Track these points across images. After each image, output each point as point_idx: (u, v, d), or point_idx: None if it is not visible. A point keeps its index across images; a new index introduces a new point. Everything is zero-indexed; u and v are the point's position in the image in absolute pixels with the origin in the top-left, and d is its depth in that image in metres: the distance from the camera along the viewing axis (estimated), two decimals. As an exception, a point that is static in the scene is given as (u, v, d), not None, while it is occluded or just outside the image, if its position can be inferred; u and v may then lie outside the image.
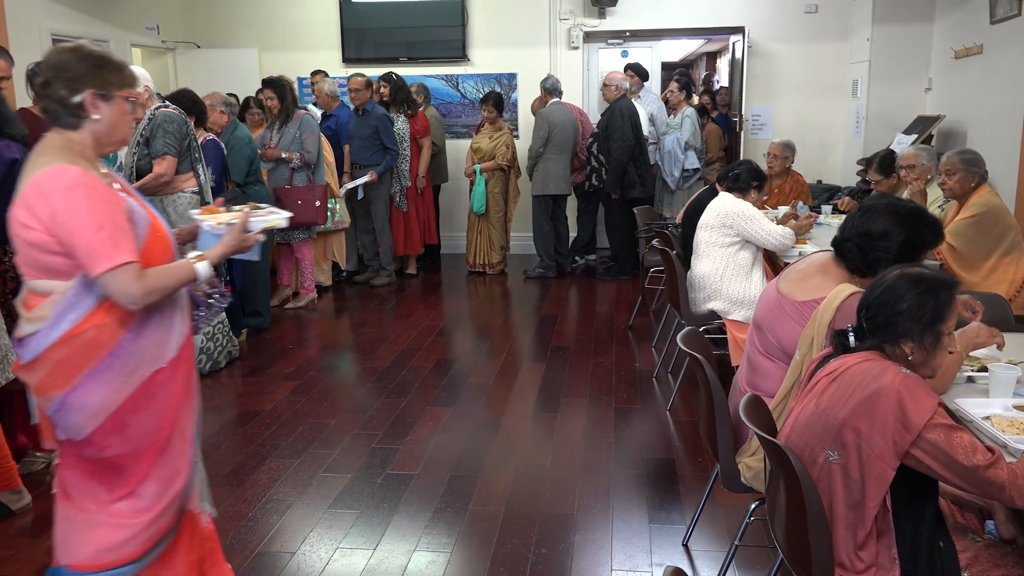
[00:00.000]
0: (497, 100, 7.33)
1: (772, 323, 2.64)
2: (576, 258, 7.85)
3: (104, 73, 2.08)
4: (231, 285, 5.27)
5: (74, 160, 2.04)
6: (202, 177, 4.72)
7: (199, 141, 4.80)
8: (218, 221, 2.33)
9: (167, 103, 4.67)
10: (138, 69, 4.54)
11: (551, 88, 7.33)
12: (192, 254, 2.20)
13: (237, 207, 2.45)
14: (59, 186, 1.98)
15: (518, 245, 8.16)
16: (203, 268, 2.17)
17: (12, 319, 3.43)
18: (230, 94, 7.26)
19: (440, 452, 3.80)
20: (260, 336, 5.72)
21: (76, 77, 2.05)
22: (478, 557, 2.93)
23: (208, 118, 5.31)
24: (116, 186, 2.14)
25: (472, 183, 7.38)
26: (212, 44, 8.54)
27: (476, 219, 7.48)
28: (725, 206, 4.25)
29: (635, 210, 6.22)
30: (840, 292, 2.39)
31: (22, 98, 5.35)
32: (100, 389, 2.07)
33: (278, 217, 2.47)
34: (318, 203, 6.17)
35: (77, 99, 2.05)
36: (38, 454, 3.64)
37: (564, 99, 7.53)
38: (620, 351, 5.27)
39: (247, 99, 7.08)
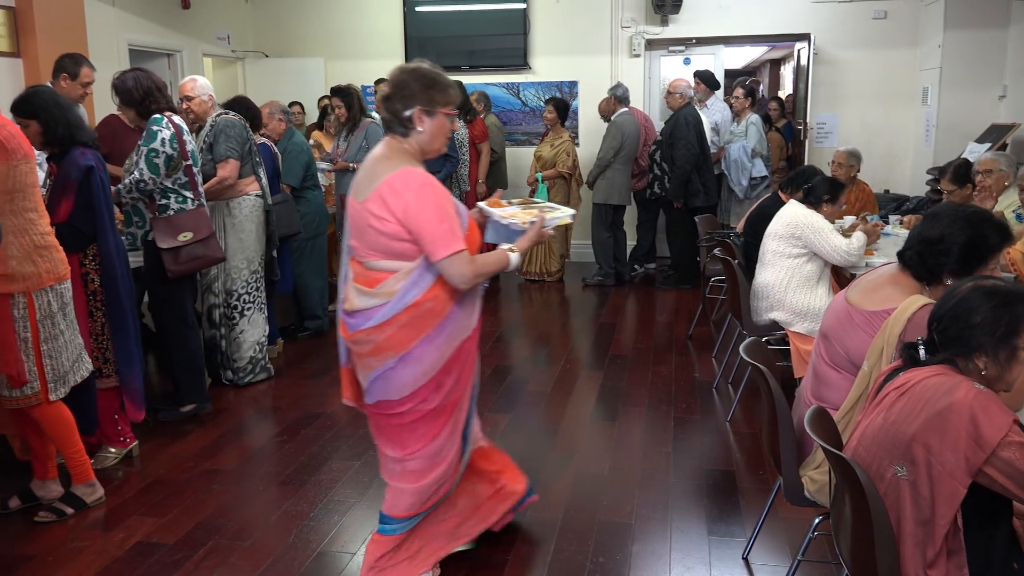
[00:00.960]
0: (559, 104, 7.35)
1: (840, 333, 2.60)
2: (635, 266, 7.81)
3: (431, 92, 2.52)
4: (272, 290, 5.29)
5: (412, 162, 2.50)
6: (263, 181, 4.83)
7: None
8: (505, 213, 2.75)
9: (227, 110, 4.80)
10: (200, 79, 4.69)
11: (621, 97, 7.30)
12: (504, 245, 2.64)
13: (514, 201, 2.93)
14: (411, 185, 2.43)
15: (576, 253, 8.16)
16: (515, 257, 2.62)
17: (88, 318, 3.57)
18: (295, 102, 7.45)
19: (498, 458, 3.81)
20: (320, 339, 5.83)
21: (410, 95, 2.51)
22: (536, 563, 2.94)
23: (261, 124, 5.43)
24: None
25: (533, 191, 7.41)
26: (280, 54, 8.75)
27: None
28: (795, 216, 4.18)
29: (696, 219, 6.16)
30: (912, 303, 2.34)
31: (101, 105, 5.57)
32: (431, 352, 2.52)
33: (566, 215, 2.82)
34: None
35: (407, 113, 2.51)
36: (111, 449, 3.77)
37: (631, 105, 7.51)
38: (680, 361, 5.23)
39: (325, 107, 7.21)
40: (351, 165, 6.16)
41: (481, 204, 2.88)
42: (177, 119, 4.10)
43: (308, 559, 2.97)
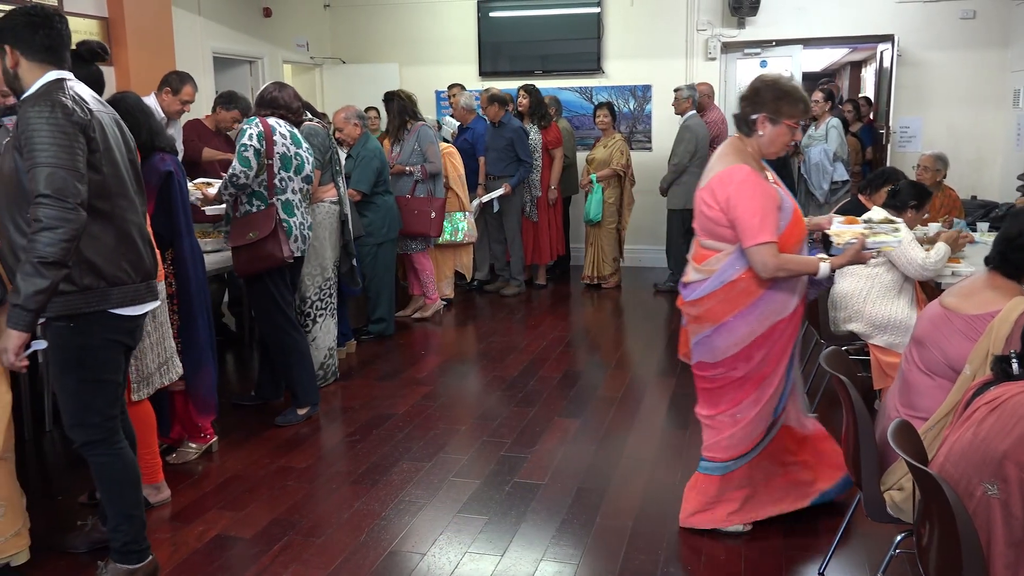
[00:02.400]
0: (611, 107, 7.34)
1: (938, 339, 2.52)
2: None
3: (780, 103, 2.81)
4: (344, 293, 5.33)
5: (746, 160, 2.84)
6: (342, 189, 4.90)
7: None
8: (836, 230, 2.98)
9: (312, 118, 4.88)
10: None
11: (696, 102, 7.20)
12: (821, 254, 2.90)
13: (875, 221, 3.11)
14: (734, 180, 2.79)
15: (632, 257, 8.07)
16: (825, 268, 2.81)
17: (178, 318, 3.68)
18: (371, 107, 7.57)
19: (568, 463, 3.80)
20: (390, 342, 5.90)
21: (760, 102, 2.83)
22: (604, 571, 2.91)
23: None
24: (770, 179, 2.90)
25: (588, 192, 7.35)
26: (356, 60, 8.91)
27: (590, 230, 7.45)
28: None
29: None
30: (1018, 304, 2.27)
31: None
32: (741, 327, 2.87)
33: (893, 241, 2.98)
34: (434, 215, 6.18)
35: (753, 117, 2.84)
36: (192, 445, 3.88)
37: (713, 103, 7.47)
38: (753, 369, 5.12)
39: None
40: (407, 169, 6.19)
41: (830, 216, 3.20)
42: (272, 121, 4.18)
43: (379, 558, 3.01)
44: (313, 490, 3.56)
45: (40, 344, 2.53)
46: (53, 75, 2.54)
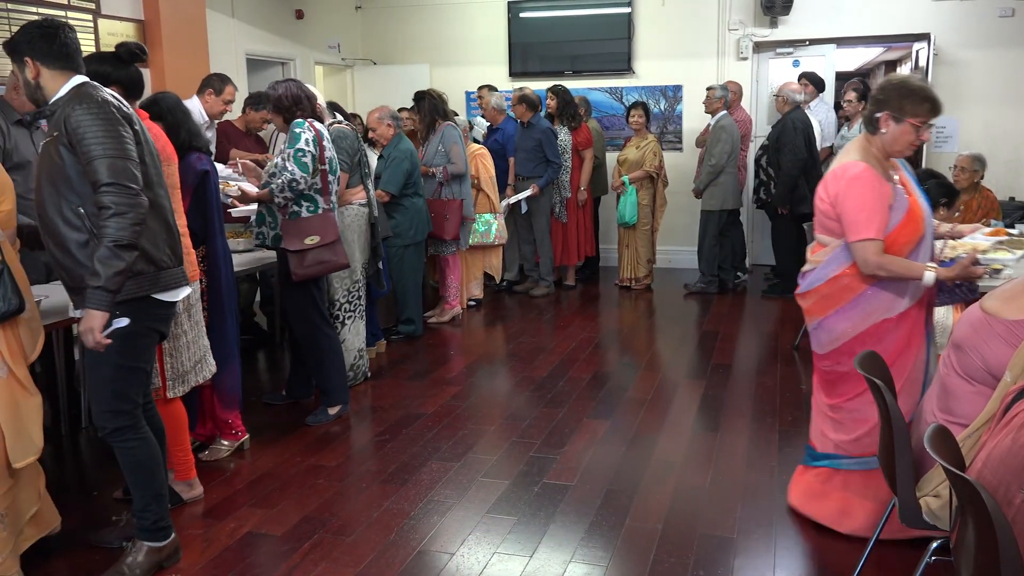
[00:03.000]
0: (647, 108, 7.29)
1: (977, 343, 2.47)
2: (739, 274, 7.63)
3: (904, 102, 2.81)
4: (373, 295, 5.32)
5: (866, 157, 2.86)
6: (370, 191, 4.91)
7: None
8: (956, 244, 3.02)
9: (341, 120, 4.91)
10: (311, 88, 4.82)
11: (728, 102, 7.14)
12: (930, 264, 2.86)
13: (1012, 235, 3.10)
14: (845, 175, 2.84)
15: (663, 258, 8.02)
16: (929, 277, 2.80)
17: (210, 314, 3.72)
18: (402, 108, 7.60)
19: (597, 464, 3.79)
20: (419, 342, 5.92)
21: (884, 100, 2.85)
22: (634, 574, 2.90)
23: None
24: (896, 178, 2.92)
25: (620, 195, 7.32)
26: (387, 61, 8.96)
27: (624, 232, 7.42)
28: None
29: (805, 226, 5.97)
30: None
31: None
32: (843, 322, 2.92)
33: (1009, 260, 3.03)
34: (448, 218, 6.13)
35: (878, 115, 2.86)
36: (224, 442, 3.92)
37: (739, 104, 7.40)
38: (785, 372, 5.08)
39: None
40: (431, 170, 6.18)
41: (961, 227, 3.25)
42: (319, 125, 4.22)
43: (408, 557, 3.02)
44: (343, 489, 3.59)
45: (121, 322, 2.64)
46: (77, 79, 2.65)
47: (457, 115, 7.05)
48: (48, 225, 2.62)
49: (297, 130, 4.12)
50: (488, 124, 7.31)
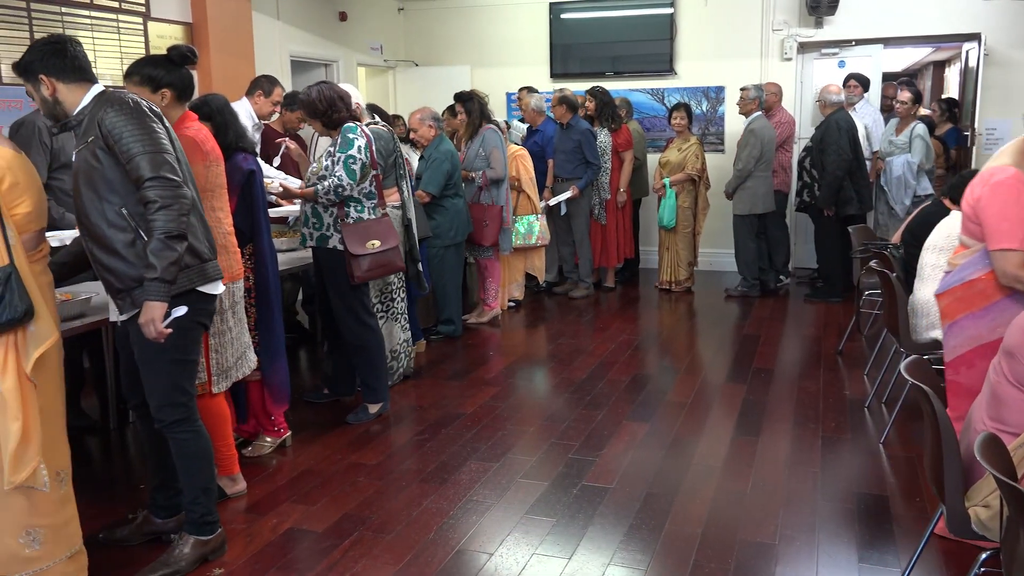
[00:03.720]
0: (689, 109, 7.23)
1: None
2: (780, 277, 7.53)
3: None
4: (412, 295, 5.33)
5: (1020, 162, 2.79)
6: (405, 193, 4.91)
7: None
8: None
9: (378, 121, 4.94)
10: (348, 87, 4.85)
11: (763, 103, 7.05)
12: None
13: None
14: (991, 180, 2.80)
15: (705, 261, 7.94)
16: None
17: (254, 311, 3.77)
18: (444, 109, 7.64)
19: (636, 467, 3.77)
20: (458, 342, 5.94)
21: None
22: (674, 578, 2.88)
23: (396, 131, 5.56)
24: None
25: (661, 197, 7.28)
26: (429, 62, 9.01)
27: (665, 235, 7.37)
28: (957, 228, 3.90)
29: (850, 229, 5.88)
30: None
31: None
32: (971, 328, 2.87)
33: None
34: (487, 224, 6.12)
35: None
36: (267, 439, 3.98)
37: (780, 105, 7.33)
38: (828, 377, 5.00)
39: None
40: (471, 174, 6.18)
41: None
42: (368, 130, 4.25)
43: (447, 556, 3.03)
44: (383, 487, 3.61)
45: (180, 310, 2.69)
46: (97, 87, 2.68)
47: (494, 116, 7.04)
48: (92, 230, 2.66)
49: (350, 135, 4.14)
50: (527, 126, 7.30)
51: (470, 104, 6.21)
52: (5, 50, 4.78)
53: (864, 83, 7.29)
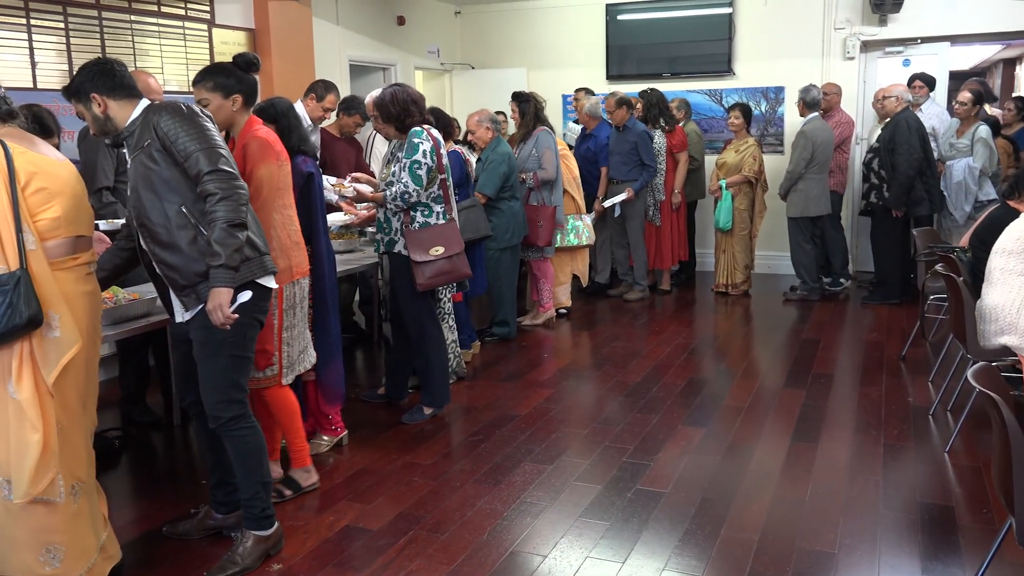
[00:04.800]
0: (746, 110, 7.12)
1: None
2: (840, 280, 7.37)
3: None
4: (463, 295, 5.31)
5: None
6: (451, 196, 4.92)
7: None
8: None
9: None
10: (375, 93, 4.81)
11: (812, 102, 6.85)
12: None
13: None
14: None
15: (762, 264, 7.81)
16: None
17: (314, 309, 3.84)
18: (499, 112, 7.67)
19: (691, 472, 3.73)
20: (512, 344, 5.96)
21: None
22: (729, 585, 2.84)
23: (455, 133, 5.59)
24: None
25: (717, 199, 7.18)
26: (485, 65, 9.06)
27: (721, 237, 7.28)
28: (1028, 230, 3.78)
29: (914, 232, 5.73)
30: None
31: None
32: None
33: None
34: (541, 224, 6.10)
35: None
36: (324, 437, 4.04)
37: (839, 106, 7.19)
38: (891, 383, 4.88)
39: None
40: (523, 175, 6.17)
41: None
42: (435, 132, 4.25)
43: (501, 558, 3.04)
44: (437, 487, 3.64)
45: (244, 295, 2.78)
46: (145, 102, 2.78)
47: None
48: (153, 230, 2.72)
49: (416, 140, 4.13)
50: (582, 128, 7.27)
51: (525, 105, 6.22)
52: (79, 58, 4.95)
53: (930, 83, 7.10)
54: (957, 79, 8.41)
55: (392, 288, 4.41)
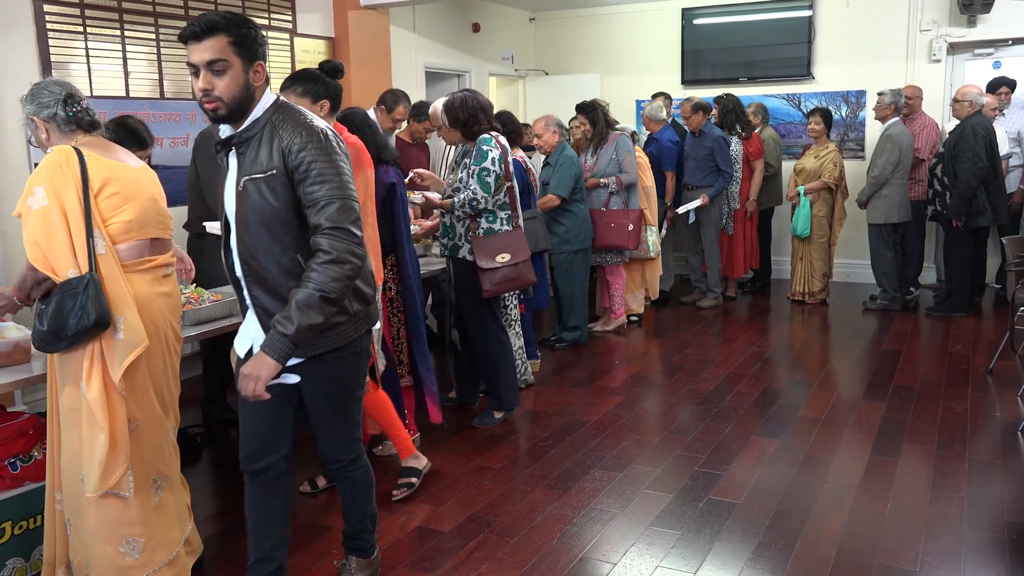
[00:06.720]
0: (825, 114, 6.94)
1: None
2: (911, 288, 7.11)
3: None
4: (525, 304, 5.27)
5: None
6: (516, 199, 4.91)
7: None
8: None
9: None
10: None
11: (899, 108, 6.68)
12: None
13: None
14: None
15: (840, 272, 7.60)
16: None
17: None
18: (573, 118, 7.66)
19: (765, 484, 3.66)
20: (583, 350, 5.94)
21: None
22: (804, 600, 2.78)
23: (522, 139, 5.60)
24: None
25: (795, 206, 7.02)
26: (558, 71, 9.07)
27: (799, 244, 7.11)
28: None
29: (1003, 240, 5.50)
30: None
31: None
32: None
33: None
34: (631, 227, 6.07)
35: None
36: (394, 440, 4.09)
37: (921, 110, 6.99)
38: (977, 397, 4.70)
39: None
40: (601, 181, 6.13)
41: None
42: (503, 139, 4.28)
43: (570, 563, 3.03)
44: (508, 491, 3.66)
45: (291, 379, 2.48)
46: (272, 96, 2.40)
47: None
48: (260, 272, 2.37)
49: (484, 147, 4.16)
50: (648, 133, 7.20)
51: (594, 114, 6.20)
52: (168, 68, 5.14)
53: (1012, 86, 6.83)
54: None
55: (456, 293, 4.45)
